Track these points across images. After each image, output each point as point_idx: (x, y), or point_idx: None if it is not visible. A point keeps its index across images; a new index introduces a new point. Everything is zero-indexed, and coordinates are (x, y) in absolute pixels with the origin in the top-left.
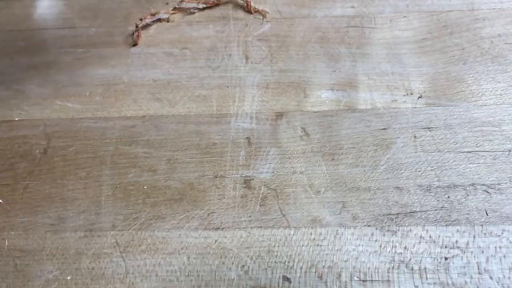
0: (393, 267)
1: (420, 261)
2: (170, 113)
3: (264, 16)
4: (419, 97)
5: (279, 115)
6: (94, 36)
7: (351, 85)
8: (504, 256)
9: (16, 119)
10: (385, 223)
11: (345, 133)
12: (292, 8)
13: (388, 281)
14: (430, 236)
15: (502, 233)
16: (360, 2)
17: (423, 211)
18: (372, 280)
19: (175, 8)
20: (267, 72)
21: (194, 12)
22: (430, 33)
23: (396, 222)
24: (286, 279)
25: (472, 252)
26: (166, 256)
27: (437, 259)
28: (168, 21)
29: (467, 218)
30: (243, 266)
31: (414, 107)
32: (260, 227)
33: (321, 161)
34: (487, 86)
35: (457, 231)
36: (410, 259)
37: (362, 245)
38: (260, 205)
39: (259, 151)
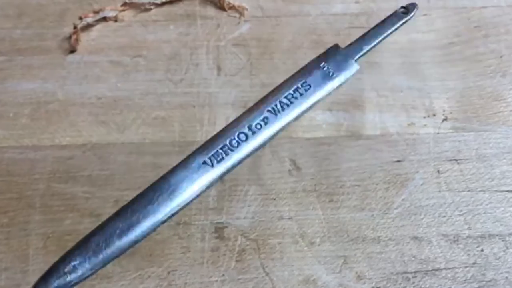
0: None
1: None
2: (119, 140)
3: (241, 14)
4: (443, 120)
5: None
6: (19, 40)
7: (355, 104)
8: None
9: None
10: (400, 283)
11: (347, 167)
12: (278, 3)
13: None
14: None
15: None
16: None
17: (449, 269)
18: None
19: (125, 4)
20: (245, 86)
21: (150, 9)
22: (458, 36)
23: (413, 282)
24: None
25: None
26: None
27: None
28: (116, 21)
29: (507, 277)
30: None
31: (438, 133)
32: None
33: (316, 203)
34: None
35: None
36: None
37: None
38: (236, 261)
39: (235, 190)
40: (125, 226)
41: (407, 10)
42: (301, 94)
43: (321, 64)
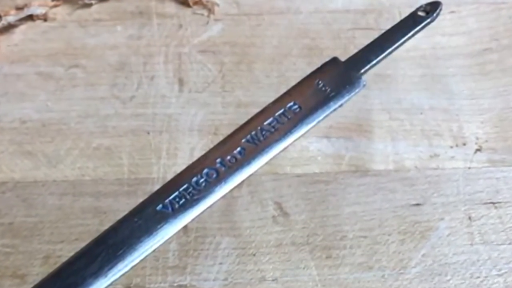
0: None
1: None
2: (50, 177)
3: (211, 11)
4: (477, 150)
5: None
6: None
7: (360, 129)
8: None
9: None
10: None
11: (351, 212)
12: None
13: None
14: None
15: None
16: None
17: None
18: None
19: None
20: (216, 106)
21: (90, 4)
22: (496, 40)
23: None
24: None
25: None
26: None
27: None
28: (46, 20)
29: None
30: None
31: (469, 168)
32: None
33: (308, 260)
34: None
35: None
36: None
37: None
38: None
39: (203, 243)
40: None
41: (429, 11)
42: (289, 119)
43: (316, 80)
